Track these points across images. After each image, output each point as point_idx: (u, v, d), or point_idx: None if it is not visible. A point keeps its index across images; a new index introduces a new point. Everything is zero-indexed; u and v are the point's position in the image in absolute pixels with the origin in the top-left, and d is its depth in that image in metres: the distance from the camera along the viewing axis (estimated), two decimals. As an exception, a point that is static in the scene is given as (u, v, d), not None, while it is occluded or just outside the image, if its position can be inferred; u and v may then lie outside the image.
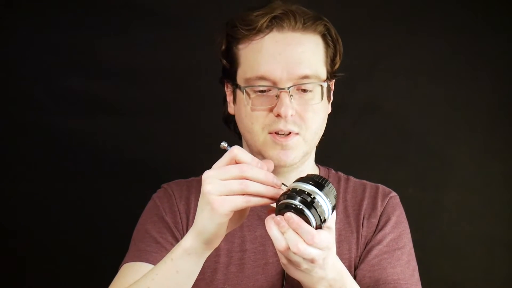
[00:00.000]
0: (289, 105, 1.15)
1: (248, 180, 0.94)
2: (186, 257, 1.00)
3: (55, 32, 1.78)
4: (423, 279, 1.26)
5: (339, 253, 1.21)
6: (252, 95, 1.18)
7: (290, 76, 1.16)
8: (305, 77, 1.17)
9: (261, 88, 1.17)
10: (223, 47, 1.24)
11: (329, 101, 1.27)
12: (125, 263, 1.21)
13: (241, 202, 0.94)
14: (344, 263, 1.17)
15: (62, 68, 1.79)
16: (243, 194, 0.94)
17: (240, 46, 1.21)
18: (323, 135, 1.28)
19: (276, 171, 1.20)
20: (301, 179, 0.95)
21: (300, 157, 1.20)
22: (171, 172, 1.42)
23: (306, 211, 0.91)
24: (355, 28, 1.80)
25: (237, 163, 0.96)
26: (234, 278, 1.21)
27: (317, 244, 0.91)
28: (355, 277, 1.21)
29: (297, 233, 0.91)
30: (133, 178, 1.79)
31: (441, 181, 1.83)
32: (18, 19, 1.78)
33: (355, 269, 1.22)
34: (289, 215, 0.91)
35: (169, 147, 1.81)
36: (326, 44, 1.23)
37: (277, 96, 1.16)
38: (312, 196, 0.92)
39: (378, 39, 1.81)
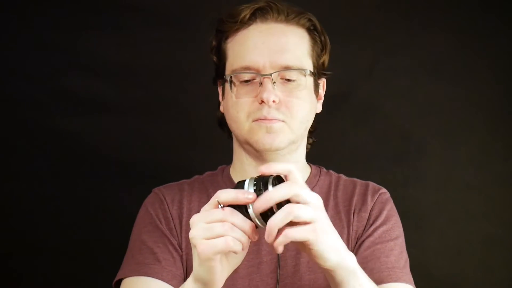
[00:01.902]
0: (272, 90, 1.18)
1: (230, 224, 0.93)
2: None
3: (55, 32, 1.78)
4: (423, 279, 1.26)
5: None
6: (237, 84, 1.22)
7: (273, 64, 1.19)
8: (288, 66, 1.20)
9: (245, 78, 1.21)
10: (214, 43, 1.29)
11: (317, 98, 1.29)
12: (124, 275, 1.22)
13: (221, 245, 0.93)
14: None
15: (62, 68, 1.79)
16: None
17: (228, 41, 1.25)
18: (316, 139, 1.33)
19: (262, 159, 1.23)
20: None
21: (286, 143, 1.22)
22: (170, 172, 1.42)
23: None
24: (355, 28, 1.80)
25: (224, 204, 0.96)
26: (229, 278, 1.21)
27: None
28: None
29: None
30: (133, 178, 1.79)
31: (441, 181, 1.83)
32: (18, 19, 1.78)
33: None
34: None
35: (168, 147, 1.81)
36: (312, 39, 1.26)
37: (261, 84, 1.19)
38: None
39: (378, 39, 1.81)
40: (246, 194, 0.93)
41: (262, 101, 1.18)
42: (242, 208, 0.93)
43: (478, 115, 1.82)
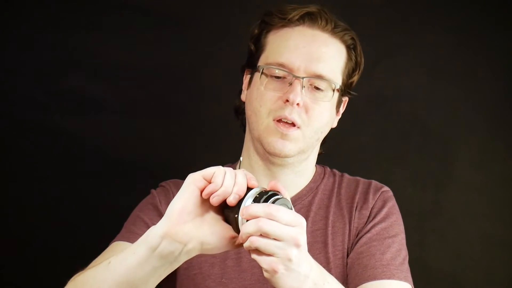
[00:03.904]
0: (299, 93, 1.20)
1: (231, 172, 0.94)
2: (144, 241, 0.96)
3: (55, 32, 1.78)
4: (423, 278, 1.26)
5: (334, 245, 1.24)
6: (268, 77, 1.23)
7: (307, 69, 1.21)
8: (321, 76, 1.22)
9: (277, 74, 1.22)
10: (255, 32, 1.30)
11: (337, 114, 1.32)
12: (114, 242, 1.24)
13: (210, 171, 0.94)
14: (337, 255, 1.22)
15: (62, 68, 1.79)
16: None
17: (270, 34, 1.27)
18: (324, 151, 1.35)
19: (270, 161, 1.25)
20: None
21: (295, 152, 1.23)
22: (170, 172, 1.42)
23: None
24: (355, 28, 1.79)
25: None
26: (231, 272, 1.22)
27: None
28: (345, 266, 1.22)
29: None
30: (133, 178, 1.79)
31: (441, 181, 1.83)
32: (18, 19, 1.78)
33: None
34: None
35: (169, 147, 1.81)
36: (349, 56, 1.28)
37: (290, 84, 1.21)
38: None
39: (378, 39, 1.81)
40: (236, 193, 0.93)
41: (287, 101, 1.20)
42: (236, 209, 0.93)
43: (478, 115, 1.82)
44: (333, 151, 1.43)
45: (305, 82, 1.21)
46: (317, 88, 1.23)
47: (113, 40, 1.80)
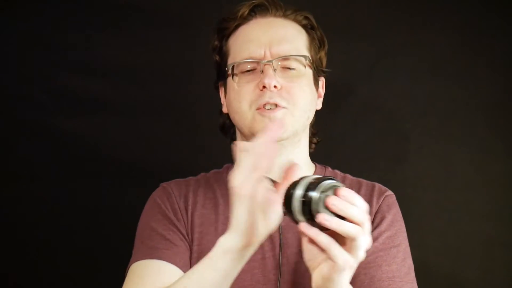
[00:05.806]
0: (273, 76, 1.21)
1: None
2: (223, 256, 0.97)
3: (55, 32, 1.79)
4: (423, 279, 1.26)
5: None
6: (239, 75, 1.25)
7: (273, 53, 1.24)
8: (288, 54, 1.24)
9: (247, 67, 1.24)
10: (216, 43, 1.33)
11: (318, 95, 1.32)
12: (135, 261, 1.20)
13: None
14: None
15: (62, 68, 1.80)
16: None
17: (229, 38, 1.30)
18: (320, 138, 1.34)
19: None
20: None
21: (290, 133, 1.23)
22: (170, 172, 1.42)
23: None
24: (356, 27, 1.80)
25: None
26: None
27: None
28: None
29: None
30: (133, 178, 1.79)
31: (441, 181, 1.83)
32: (18, 19, 1.78)
33: None
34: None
35: (168, 147, 1.81)
36: (309, 36, 1.30)
37: (262, 71, 1.22)
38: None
39: (378, 39, 1.81)
40: None
41: (264, 87, 1.21)
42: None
43: (478, 115, 1.82)
44: (333, 151, 1.43)
45: (275, 64, 1.22)
46: (289, 68, 1.24)
47: (113, 40, 1.80)
